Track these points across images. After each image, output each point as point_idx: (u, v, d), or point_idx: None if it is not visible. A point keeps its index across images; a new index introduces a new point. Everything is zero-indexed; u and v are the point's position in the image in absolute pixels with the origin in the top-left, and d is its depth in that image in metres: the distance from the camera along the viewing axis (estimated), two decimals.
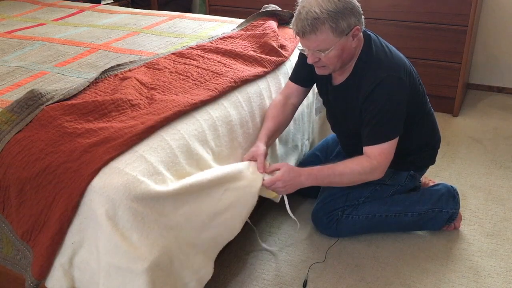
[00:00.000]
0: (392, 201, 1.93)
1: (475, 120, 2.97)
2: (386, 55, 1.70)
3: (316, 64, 1.67)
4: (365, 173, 1.68)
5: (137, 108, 1.56)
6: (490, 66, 3.32)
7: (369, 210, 1.91)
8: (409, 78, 1.72)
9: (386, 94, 1.65)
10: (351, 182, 1.72)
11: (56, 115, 1.47)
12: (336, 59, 1.63)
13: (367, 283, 1.77)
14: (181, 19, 2.64)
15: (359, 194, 1.91)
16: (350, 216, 1.91)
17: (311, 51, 1.62)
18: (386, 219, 1.92)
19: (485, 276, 1.79)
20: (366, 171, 1.67)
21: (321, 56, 1.62)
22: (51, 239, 1.34)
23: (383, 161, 1.68)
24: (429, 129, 1.92)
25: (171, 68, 1.85)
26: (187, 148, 1.49)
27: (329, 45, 1.58)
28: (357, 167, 1.68)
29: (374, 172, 1.69)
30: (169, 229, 1.36)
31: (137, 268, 1.29)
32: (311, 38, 1.57)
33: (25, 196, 1.38)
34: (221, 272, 1.79)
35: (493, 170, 2.44)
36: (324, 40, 1.57)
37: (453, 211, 1.95)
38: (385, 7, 2.91)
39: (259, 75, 1.91)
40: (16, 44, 2.25)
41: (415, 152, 1.91)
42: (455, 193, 1.99)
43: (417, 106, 1.82)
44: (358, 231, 1.96)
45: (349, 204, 1.91)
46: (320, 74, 1.73)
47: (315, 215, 1.98)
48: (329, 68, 1.68)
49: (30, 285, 1.38)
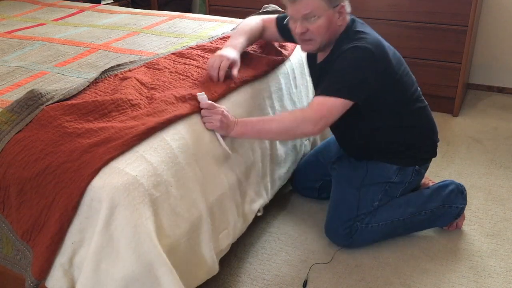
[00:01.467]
0: (406, 203, 1.90)
1: (475, 120, 2.97)
2: (365, 33, 1.70)
3: (303, 36, 1.67)
4: (296, 120, 1.60)
5: (137, 108, 1.56)
6: (490, 66, 3.32)
7: (386, 216, 1.87)
8: (382, 54, 1.67)
9: (349, 58, 1.62)
10: (280, 130, 1.62)
11: (56, 115, 1.47)
12: (324, 30, 1.64)
13: (367, 283, 1.77)
14: (181, 19, 2.64)
15: (371, 198, 1.86)
16: (370, 225, 1.86)
17: (300, 19, 1.64)
18: (404, 222, 1.90)
19: (485, 276, 1.79)
20: (298, 118, 1.60)
21: (309, 25, 1.63)
22: (51, 239, 1.34)
23: (318, 113, 1.60)
24: (426, 121, 1.89)
25: (171, 68, 1.85)
26: (187, 148, 1.49)
27: (319, 12, 1.61)
28: (288, 114, 1.65)
29: (305, 123, 1.59)
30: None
31: (113, 273, 1.29)
32: (301, 2, 1.60)
33: (25, 196, 1.38)
34: (221, 272, 1.79)
35: (493, 170, 2.44)
36: (314, 5, 1.60)
37: (462, 207, 1.97)
38: (385, 7, 2.91)
39: (259, 75, 1.91)
40: (16, 44, 2.25)
41: (417, 145, 1.89)
42: (463, 189, 2.00)
43: (395, 90, 1.76)
44: (376, 239, 1.91)
45: (365, 211, 1.86)
46: (306, 51, 1.74)
47: (330, 226, 1.92)
48: (315, 42, 1.68)
49: (30, 285, 1.38)
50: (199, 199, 1.50)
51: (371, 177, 1.87)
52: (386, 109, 1.79)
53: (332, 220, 1.91)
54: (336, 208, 1.90)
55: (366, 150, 1.91)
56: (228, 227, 1.66)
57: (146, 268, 1.30)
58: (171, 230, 1.40)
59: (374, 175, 1.87)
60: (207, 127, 1.58)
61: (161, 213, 1.37)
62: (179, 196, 1.44)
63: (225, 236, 1.65)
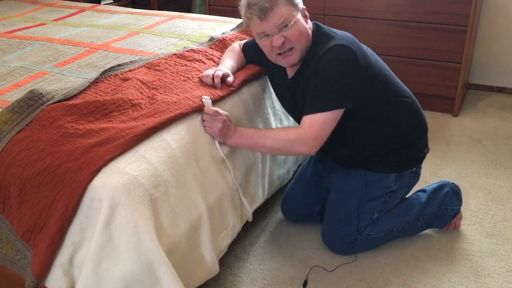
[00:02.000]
0: (405, 212, 1.88)
1: (475, 120, 2.97)
2: (335, 33, 1.67)
3: (283, 48, 1.60)
4: (290, 141, 1.59)
5: (138, 108, 1.57)
6: (490, 66, 3.32)
7: (386, 226, 1.86)
8: (359, 49, 1.63)
9: (331, 62, 1.57)
10: (274, 147, 1.62)
11: (57, 115, 1.48)
12: (300, 34, 1.60)
13: (367, 283, 1.77)
14: (181, 19, 2.64)
15: (371, 211, 1.83)
16: (370, 236, 1.84)
17: (275, 31, 1.58)
18: (403, 230, 1.89)
19: (485, 276, 1.79)
20: (291, 139, 1.58)
21: (286, 33, 1.58)
22: (51, 239, 1.34)
23: (312, 133, 1.56)
24: (414, 114, 1.81)
25: (172, 69, 1.85)
26: (187, 148, 1.49)
27: (291, 18, 1.58)
28: (283, 133, 1.61)
29: (300, 144, 1.58)
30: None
31: (113, 273, 1.29)
32: (273, 14, 1.56)
33: (25, 196, 1.38)
34: (221, 272, 1.79)
35: (493, 170, 2.44)
36: (285, 12, 1.56)
37: (458, 208, 1.97)
38: (385, 7, 2.91)
39: (256, 73, 1.90)
40: (16, 44, 2.25)
41: (412, 145, 1.83)
42: (458, 189, 2.00)
43: (379, 82, 1.70)
44: (376, 247, 1.91)
45: (364, 224, 1.83)
46: (289, 64, 1.67)
47: (329, 242, 1.89)
48: (296, 50, 1.62)
49: (30, 284, 1.38)
50: (199, 199, 1.50)
51: (371, 191, 1.83)
52: (373, 106, 1.71)
53: (332, 237, 1.88)
54: (335, 224, 1.86)
55: (359, 154, 1.83)
56: (227, 227, 1.66)
57: (146, 268, 1.30)
58: (171, 230, 1.40)
59: (373, 188, 1.82)
60: (206, 131, 1.59)
61: (161, 213, 1.37)
62: (179, 196, 1.44)
63: (224, 236, 1.65)
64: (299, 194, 2.03)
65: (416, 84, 3.01)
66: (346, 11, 3.00)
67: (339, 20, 3.03)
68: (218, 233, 1.61)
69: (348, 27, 3.01)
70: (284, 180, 2.08)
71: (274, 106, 1.98)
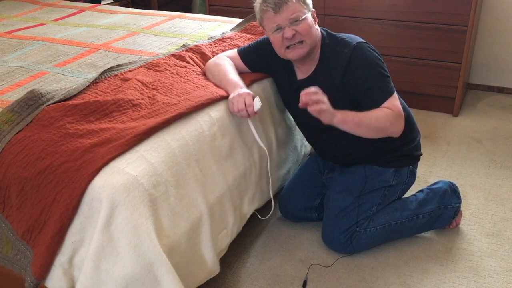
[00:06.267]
0: (402, 207, 1.90)
1: (475, 120, 2.97)
2: (345, 35, 1.80)
3: (293, 40, 1.70)
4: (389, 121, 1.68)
5: (138, 109, 1.57)
6: (490, 66, 3.32)
7: (384, 219, 1.87)
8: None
9: (363, 59, 1.72)
10: (377, 127, 1.69)
11: (57, 116, 1.48)
12: (310, 30, 1.71)
13: (367, 283, 1.77)
14: (181, 19, 2.64)
15: (370, 203, 1.86)
16: (368, 230, 1.86)
17: (287, 25, 1.69)
18: (401, 225, 1.90)
19: (485, 276, 1.79)
20: (391, 118, 1.68)
21: (296, 27, 1.69)
22: (51, 239, 1.34)
23: (399, 112, 1.71)
24: (408, 116, 1.86)
25: (172, 70, 1.85)
26: (187, 148, 1.49)
27: (302, 14, 1.70)
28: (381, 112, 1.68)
29: (399, 121, 1.71)
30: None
31: (113, 273, 1.29)
32: (287, 8, 1.68)
33: (25, 196, 1.38)
34: (221, 272, 1.79)
35: (493, 170, 2.44)
36: (297, 8, 1.69)
37: (457, 206, 1.98)
38: (385, 7, 2.91)
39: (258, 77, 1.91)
40: (16, 44, 2.26)
41: (408, 143, 1.88)
42: (455, 187, 2.01)
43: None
44: (375, 243, 1.91)
45: (363, 216, 1.86)
46: (297, 56, 1.74)
47: (329, 235, 1.90)
48: (306, 44, 1.72)
49: (30, 284, 1.38)
50: (199, 199, 1.50)
51: (371, 184, 1.86)
52: None
53: (332, 230, 1.88)
54: (336, 218, 1.87)
55: (360, 152, 1.87)
56: (227, 227, 1.66)
57: (146, 267, 1.30)
58: (171, 230, 1.40)
59: (373, 182, 1.86)
60: (314, 109, 1.58)
61: (161, 213, 1.37)
62: (179, 196, 1.44)
63: (224, 236, 1.65)
64: (297, 186, 2.04)
65: (416, 84, 3.01)
66: (346, 11, 3.01)
67: (339, 20, 3.04)
68: (218, 233, 1.61)
69: (348, 27, 3.01)
70: (285, 180, 2.09)
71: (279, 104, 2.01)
